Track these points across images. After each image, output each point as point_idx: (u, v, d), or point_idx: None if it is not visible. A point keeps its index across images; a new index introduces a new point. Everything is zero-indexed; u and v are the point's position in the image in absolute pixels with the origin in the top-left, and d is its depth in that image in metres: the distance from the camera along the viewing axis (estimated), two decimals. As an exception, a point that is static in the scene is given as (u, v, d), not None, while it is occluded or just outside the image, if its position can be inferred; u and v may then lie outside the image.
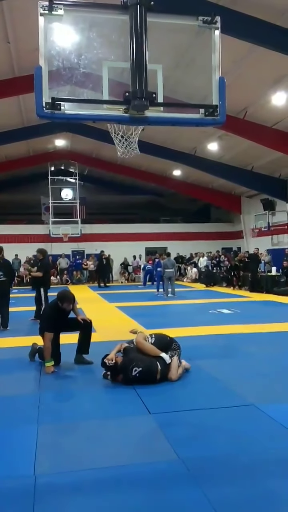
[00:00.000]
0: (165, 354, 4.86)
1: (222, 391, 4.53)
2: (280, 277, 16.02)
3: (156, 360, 4.78)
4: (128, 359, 4.74)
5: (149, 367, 4.68)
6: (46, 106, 3.01)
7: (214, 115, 3.21)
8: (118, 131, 7.95)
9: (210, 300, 13.28)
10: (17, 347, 6.84)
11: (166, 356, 4.83)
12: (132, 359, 4.74)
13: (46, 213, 24.51)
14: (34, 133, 17.90)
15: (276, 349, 6.47)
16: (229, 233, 26.07)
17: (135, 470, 2.91)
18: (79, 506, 2.54)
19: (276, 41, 9.40)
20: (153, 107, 3.13)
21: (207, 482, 2.71)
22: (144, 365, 4.68)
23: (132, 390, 4.55)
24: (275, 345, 6.76)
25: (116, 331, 8.03)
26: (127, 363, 4.72)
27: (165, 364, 4.79)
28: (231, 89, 9.18)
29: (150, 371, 4.66)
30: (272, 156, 16.86)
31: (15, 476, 2.89)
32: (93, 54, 3.17)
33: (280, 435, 3.41)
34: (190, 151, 18.93)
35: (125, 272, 24.21)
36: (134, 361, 4.71)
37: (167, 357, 4.83)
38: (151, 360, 4.77)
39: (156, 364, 4.73)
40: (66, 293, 5.69)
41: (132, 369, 4.65)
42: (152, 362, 4.75)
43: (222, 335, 7.45)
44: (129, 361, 4.72)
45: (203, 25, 3.20)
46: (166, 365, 4.80)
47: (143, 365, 4.68)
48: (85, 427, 3.72)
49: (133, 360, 4.72)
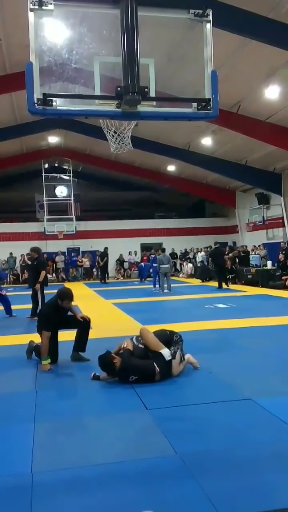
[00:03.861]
0: (167, 350, 4.72)
1: (219, 385, 4.54)
2: (275, 271, 16.08)
3: (153, 363, 4.62)
4: (124, 368, 4.62)
5: (145, 374, 4.58)
6: (37, 102, 2.98)
7: (207, 109, 3.19)
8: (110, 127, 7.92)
9: (206, 295, 13.31)
10: (13, 345, 6.83)
11: (167, 353, 4.68)
12: (127, 368, 4.61)
13: (41, 210, 24.45)
14: (27, 130, 17.83)
15: (272, 343, 6.49)
16: (224, 227, 26.13)
17: (132, 466, 2.92)
18: (77, 503, 2.54)
19: (268, 34, 9.39)
20: (146, 102, 3.11)
21: (204, 476, 2.72)
22: (140, 374, 4.60)
23: (129, 386, 4.55)
24: (271, 339, 6.78)
25: (112, 328, 8.03)
26: (123, 372, 4.64)
27: (164, 362, 4.65)
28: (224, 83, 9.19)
29: (147, 376, 4.58)
30: (266, 150, 16.88)
31: (12, 474, 2.89)
32: (85, 49, 3.14)
33: (277, 428, 3.42)
34: (184, 146, 18.92)
35: (121, 269, 24.22)
36: (130, 371, 4.61)
37: (167, 354, 4.68)
38: (147, 366, 4.61)
39: (153, 368, 4.58)
40: (67, 290, 5.66)
41: (129, 377, 4.63)
42: (148, 368, 4.59)
43: (218, 330, 7.47)
44: (125, 370, 4.62)
45: (194, 18, 3.18)
46: (165, 363, 4.65)
47: (139, 374, 4.59)
48: (82, 424, 3.72)
49: (129, 369, 4.61)
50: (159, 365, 4.62)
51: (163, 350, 4.71)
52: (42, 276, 9.34)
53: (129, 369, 4.63)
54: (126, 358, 4.68)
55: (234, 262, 17.80)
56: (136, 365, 4.66)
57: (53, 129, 19.30)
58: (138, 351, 4.82)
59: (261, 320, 8.39)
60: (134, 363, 4.68)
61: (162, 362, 4.65)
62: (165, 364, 4.66)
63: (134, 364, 4.67)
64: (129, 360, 4.68)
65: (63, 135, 21.00)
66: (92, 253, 23.68)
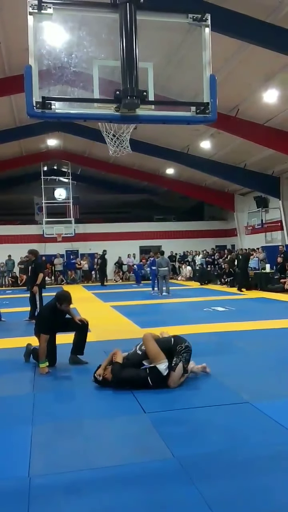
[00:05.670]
0: (164, 365, 4.48)
1: (217, 389, 4.53)
2: (274, 274, 16.08)
3: (146, 377, 4.48)
4: (116, 382, 4.56)
5: (138, 385, 4.49)
6: (36, 106, 3.00)
7: (206, 112, 3.22)
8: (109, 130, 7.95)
9: (204, 298, 13.31)
10: (11, 348, 6.81)
11: (163, 368, 4.48)
12: (118, 382, 4.54)
13: (40, 213, 24.44)
14: (26, 133, 17.84)
15: (270, 346, 6.49)
16: (223, 230, 26.16)
17: (130, 469, 2.91)
18: (74, 506, 2.53)
19: (266, 38, 9.44)
20: (144, 105, 3.13)
21: (201, 479, 2.72)
22: (132, 385, 4.52)
23: (127, 389, 4.52)
24: (270, 342, 6.78)
25: (111, 331, 8.02)
26: (115, 385, 4.58)
27: (159, 376, 4.45)
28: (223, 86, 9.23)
29: (140, 386, 4.48)
30: (265, 153, 16.93)
31: (10, 477, 2.87)
32: (84, 53, 3.16)
33: (274, 431, 3.42)
34: (182, 149, 18.96)
35: (120, 271, 24.21)
36: (122, 384, 4.54)
37: (163, 368, 4.48)
38: (139, 379, 4.50)
39: (146, 381, 4.47)
40: (66, 293, 5.65)
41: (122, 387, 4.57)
42: (140, 381, 4.49)
43: (216, 333, 7.47)
44: (117, 383, 4.56)
45: (193, 22, 3.21)
46: (160, 378, 4.46)
47: (131, 385, 4.52)
48: (79, 427, 3.71)
49: (120, 383, 4.54)
50: (152, 379, 4.47)
51: (160, 365, 4.49)
52: (40, 278, 9.32)
53: (120, 382, 4.55)
54: (117, 373, 4.55)
55: (232, 265, 17.79)
56: (127, 379, 4.54)
57: (52, 132, 19.34)
58: (136, 358, 4.68)
59: (260, 323, 8.39)
60: (124, 377, 4.54)
61: (156, 376, 4.47)
62: (160, 379, 4.47)
63: (126, 377, 4.54)
64: (120, 374, 4.55)
65: (62, 138, 21.03)
66: (91, 256, 23.67)
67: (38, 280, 9.29)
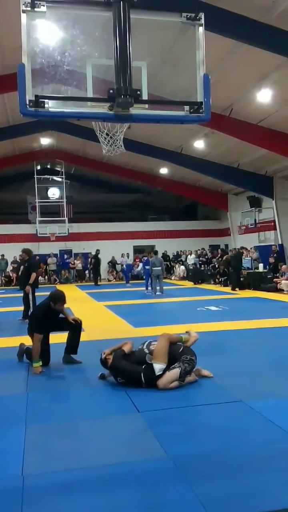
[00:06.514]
0: (160, 366, 4.51)
1: (210, 388, 4.54)
2: (267, 274, 16.15)
3: (141, 372, 4.54)
4: (112, 368, 4.70)
5: (131, 380, 4.58)
6: (29, 104, 2.98)
7: (199, 112, 3.21)
8: (103, 129, 7.93)
9: (198, 298, 13.34)
10: (4, 348, 6.78)
11: (158, 368, 4.51)
12: (114, 368, 4.68)
13: (33, 212, 24.35)
14: (19, 132, 17.77)
15: (263, 345, 6.52)
16: (216, 230, 26.22)
17: (123, 469, 2.91)
18: (68, 506, 2.52)
19: (260, 38, 9.47)
20: (138, 105, 3.12)
21: (195, 478, 2.72)
22: (126, 378, 4.63)
23: (121, 389, 4.54)
24: (262, 341, 6.81)
25: (104, 330, 8.01)
26: (111, 370, 4.74)
27: (152, 375, 4.48)
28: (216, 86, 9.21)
29: (133, 382, 4.57)
30: (258, 153, 16.99)
31: (3, 477, 2.86)
32: (77, 51, 3.14)
33: (268, 430, 3.43)
34: (176, 149, 18.97)
35: (113, 271, 24.17)
36: (117, 372, 4.67)
37: (158, 369, 4.50)
38: (133, 373, 4.57)
39: (140, 377, 4.53)
40: (60, 293, 5.64)
41: (116, 377, 4.71)
42: (133, 375, 4.56)
43: (210, 332, 7.47)
44: (113, 369, 4.71)
45: (187, 21, 3.20)
46: (153, 377, 4.48)
47: (125, 378, 4.63)
48: (73, 427, 3.70)
49: (115, 370, 4.68)
50: (145, 376, 4.53)
51: (157, 364, 4.53)
52: (32, 278, 9.28)
53: (116, 370, 4.67)
54: (116, 359, 4.69)
55: (227, 266, 17.81)
56: (123, 369, 4.65)
57: (45, 130, 19.25)
58: (139, 355, 4.74)
59: (253, 323, 8.42)
60: (121, 365, 4.66)
61: (149, 374, 4.51)
62: (152, 378, 4.50)
63: (122, 367, 4.65)
64: (118, 361, 4.68)
65: (55, 137, 20.95)
66: (85, 255, 23.62)
67: (31, 279, 9.25)
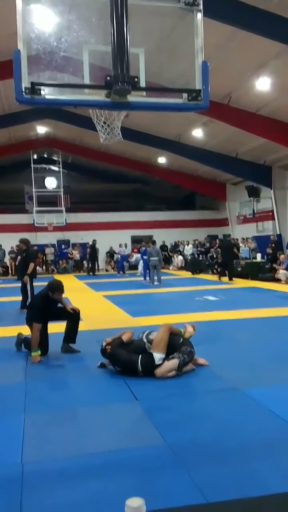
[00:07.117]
0: (160, 356, 4.53)
1: (208, 376, 4.58)
2: (265, 264, 16.19)
3: (137, 360, 4.55)
4: (110, 355, 4.78)
5: (127, 369, 4.64)
6: (25, 91, 2.94)
7: (198, 99, 3.18)
8: (100, 117, 7.84)
9: (196, 288, 13.36)
10: (3, 337, 6.80)
11: (157, 357, 4.53)
12: (112, 356, 4.76)
13: (30, 202, 24.21)
14: (15, 120, 17.56)
15: (260, 334, 6.56)
16: (215, 220, 26.17)
17: (122, 456, 2.94)
18: (67, 492, 2.55)
19: (260, 25, 9.36)
20: (136, 92, 3.08)
21: (193, 465, 2.75)
22: (122, 366, 4.70)
23: (119, 377, 4.58)
24: (260, 331, 6.85)
25: (102, 320, 8.03)
26: (110, 358, 4.83)
27: (151, 364, 4.50)
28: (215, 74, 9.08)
29: (129, 371, 4.61)
30: (257, 142, 16.88)
31: (2, 464, 2.88)
32: (73, 38, 3.09)
33: (265, 417, 3.46)
34: (174, 138, 18.84)
35: (111, 261, 24.17)
36: (114, 360, 4.76)
37: (158, 358, 4.53)
38: (130, 362, 4.60)
39: (136, 365, 4.54)
40: (58, 283, 5.65)
41: (114, 365, 4.81)
42: (129, 364, 4.60)
43: (208, 322, 7.51)
44: (110, 357, 4.80)
45: (185, 7, 3.15)
46: (152, 366, 4.50)
47: (121, 366, 4.71)
48: (72, 415, 3.73)
49: (112, 358, 4.77)
50: (142, 364, 4.53)
51: (157, 354, 4.55)
52: (30, 268, 9.28)
53: (113, 358, 4.74)
54: (114, 347, 4.75)
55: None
56: (119, 357, 4.71)
57: (42, 119, 19.06)
58: (137, 344, 4.79)
59: (250, 312, 8.46)
60: (118, 353, 4.71)
61: (148, 362, 4.53)
62: (151, 366, 4.51)
63: (119, 355, 4.71)
64: (116, 350, 4.73)
65: (52, 125, 20.75)
66: (82, 245, 23.57)
67: (29, 269, 9.25)
